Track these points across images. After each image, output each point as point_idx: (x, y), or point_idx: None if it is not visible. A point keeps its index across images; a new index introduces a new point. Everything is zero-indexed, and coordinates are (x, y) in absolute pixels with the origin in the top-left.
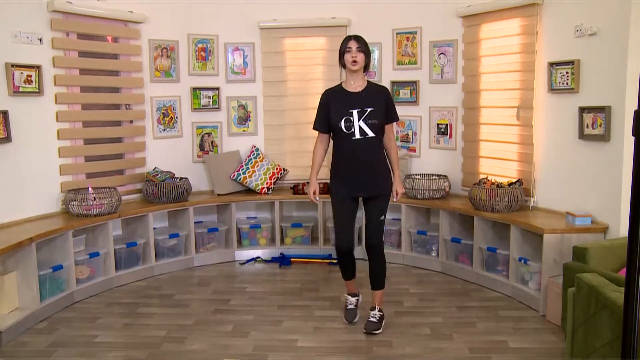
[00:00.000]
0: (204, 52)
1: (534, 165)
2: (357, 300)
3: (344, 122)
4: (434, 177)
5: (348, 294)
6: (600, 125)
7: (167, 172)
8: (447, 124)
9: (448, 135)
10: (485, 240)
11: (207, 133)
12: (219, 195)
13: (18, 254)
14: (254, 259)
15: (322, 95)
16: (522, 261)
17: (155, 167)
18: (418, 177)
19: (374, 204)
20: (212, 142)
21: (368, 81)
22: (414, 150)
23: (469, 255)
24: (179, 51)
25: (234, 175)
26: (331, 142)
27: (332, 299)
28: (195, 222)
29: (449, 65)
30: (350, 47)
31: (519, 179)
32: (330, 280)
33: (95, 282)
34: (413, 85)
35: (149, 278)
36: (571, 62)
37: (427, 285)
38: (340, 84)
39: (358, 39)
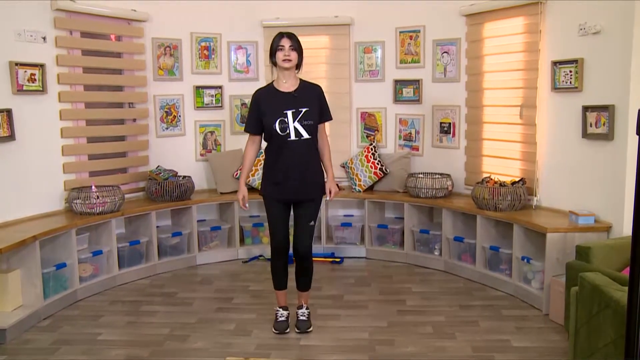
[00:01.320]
0: (207, 50)
1: (537, 164)
2: (288, 314)
3: (279, 124)
4: (437, 176)
5: (279, 307)
6: (603, 124)
7: (170, 170)
8: (450, 123)
9: (451, 134)
10: (488, 239)
11: (210, 131)
12: (221, 193)
13: (22, 252)
14: (257, 257)
15: (254, 95)
16: (525, 260)
17: (159, 166)
18: (421, 176)
19: (305, 209)
20: (215, 141)
21: (300, 80)
22: (417, 149)
23: (472, 254)
24: (182, 50)
25: (237, 174)
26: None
27: (334, 297)
28: (198, 221)
29: (452, 64)
30: (282, 45)
31: (522, 178)
32: (332, 279)
33: (99, 280)
34: (416, 84)
35: (152, 276)
36: (575, 61)
37: (429, 284)
38: (271, 83)
39: (291, 36)
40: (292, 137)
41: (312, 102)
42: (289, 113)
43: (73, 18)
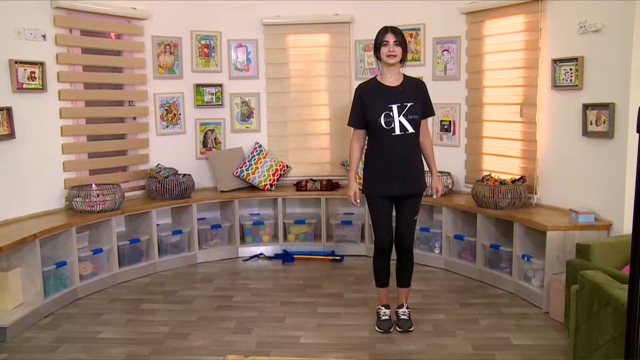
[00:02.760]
0: (207, 48)
1: (537, 162)
2: (390, 312)
3: (384, 118)
4: (437, 173)
5: (382, 305)
6: (604, 122)
7: (170, 168)
8: (450, 121)
9: (451, 132)
10: (489, 237)
11: (210, 130)
12: (222, 191)
13: (22, 250)
14: (257, 256)
15: (357, 89)
16: (525, 258)
17: (159, 164)
18: None
19: (408, 203)
20: (215, 139)
21: (404, 75)
22: None
23: (472, 252)
24: (182, 48)
25: (237, 172)
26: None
27: (335, 296)
28: (198, 219)
29: (453, 62)
30: (387, 41)
31: (522, 176)
32: (333, 277)
33: (99, 278)
34: None
35: (152, 274)
36: (575, 59)
37: (430, 282)
38: (374, 78)
39: (395, 31)
40: (397, 131)
41: (416, 96)
42: (395, 107)
43: (73, 16)
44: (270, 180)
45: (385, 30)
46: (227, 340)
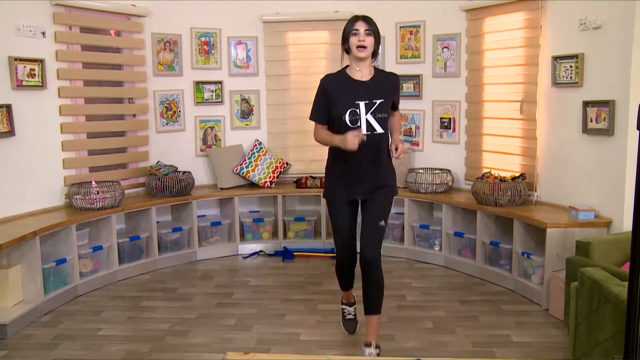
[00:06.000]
0: (207, 45)
1: (537, 160)
2: (355, 309)
3: (349, 115)
4: (437, 171)
5: (345, 303)
6: (604, 120)
7: (170, 166)
8: (450, 118)
9: (451, 129)
10: (488, 234)
11: (210, 127)
12: (221, 189)
13: (22, 248)
14: (257, 253)
15: (322, 81)
16: (525, 255)
17: (158, 161)
18: (421, 171)
19: (373, 205)
20: (215, 136)
21: (376, 68)
22: (417, 144)
23: (472, 250)
24: (182, 45)
25: (236, 169)
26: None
27: (335, 293)
28: (198, 216)
29: (453, 59)
30: (357, 29)
31: (522, 173)
32: (333, 274)
33: (99, 275)
34: (416, 79)
35: (152, 272)
36: (575, 56)
37: (429, 279)
38: (343, 70)
39: (367, 19)
40: (364, 131)
41: (387, 93)
42: (362, 104)
43: (72, 13)
44: (270, 177)
45: (355, 18)
46: (227, 337)
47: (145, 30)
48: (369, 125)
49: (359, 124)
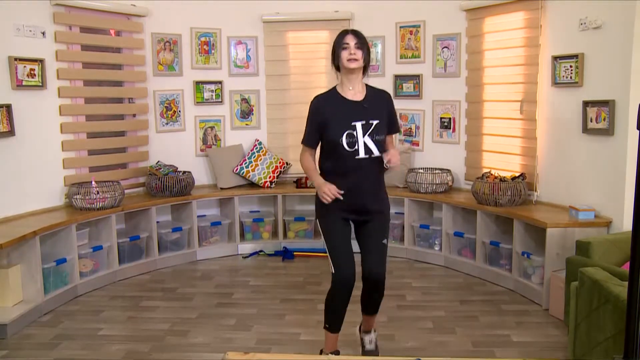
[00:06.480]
0: (207, 45)
1: (537, 159)
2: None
3: (347, 138)
4: (437, 171)
5: (331, 353)
6: (604, 119)
7: (170, 165)
8: (450, 118)
9: (451, 129)
10: (488, 234)
11: (210, 127)
12: (222, 189)
13: (22, 248)
14: (257, 253)
15: (313, 102)
16: (525, 255)
17: (158, 161)
18: (421, 171)
19: (373, 225)
20: (215, 136)
21: (367, 85)
22: (417, 144)
23: (472, 249)
24: (182, 45)
25: (236, 169)
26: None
27: None
28: (198, 216)
29: (453, 59)
30: (347, 43)
31: (522, 173)
32: None
33: (99, 275)
34: (416, 79)
35: (152, 271)
36: (575, 56)
37: (429, 279)
38: (333, 89)
39: (356, 33)
40: (362, 154)
41: (382, 112)
42: (359, 125)
43: (72, 13)
44: (270, 177)
45: (344, 32)
46: (227, 337)
47: (145, 30)
48: (366, 148)
49: (356, 147)
